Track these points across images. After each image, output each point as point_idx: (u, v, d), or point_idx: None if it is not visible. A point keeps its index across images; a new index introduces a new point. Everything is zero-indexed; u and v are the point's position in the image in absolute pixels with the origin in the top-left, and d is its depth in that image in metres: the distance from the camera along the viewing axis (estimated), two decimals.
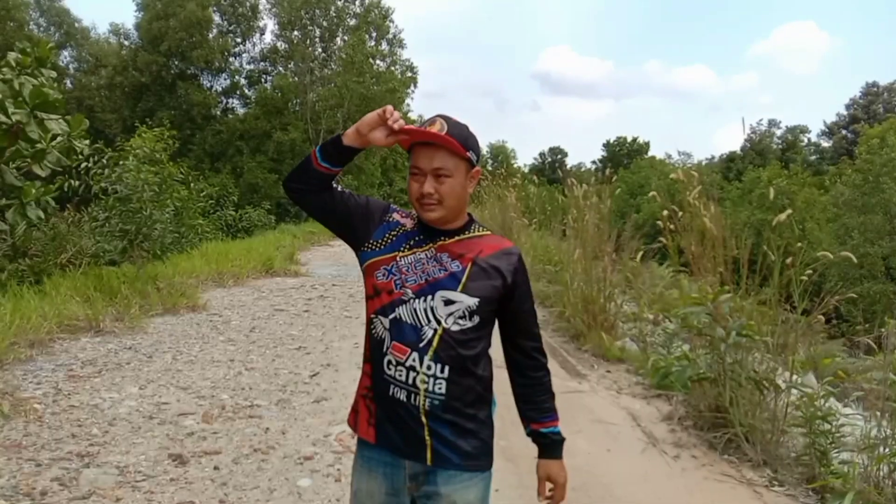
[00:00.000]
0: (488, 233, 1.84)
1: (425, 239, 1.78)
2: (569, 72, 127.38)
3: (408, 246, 1.78)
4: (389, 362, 1.72)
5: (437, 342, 1.68)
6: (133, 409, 4.54)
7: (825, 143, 51.57)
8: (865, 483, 3.10)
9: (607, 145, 63.38)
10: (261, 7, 30.89)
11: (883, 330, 3.94)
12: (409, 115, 31.99)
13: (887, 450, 3.19)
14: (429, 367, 1.68)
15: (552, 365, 5.85)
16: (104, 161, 8.77)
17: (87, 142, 7.48)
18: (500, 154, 56.36)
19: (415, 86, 27.79)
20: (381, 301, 1.75)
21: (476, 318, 1.71)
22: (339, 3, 28.54)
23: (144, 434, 4.14)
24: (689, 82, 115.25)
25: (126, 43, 32.08)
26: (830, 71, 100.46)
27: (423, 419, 1.71)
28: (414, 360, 1.69)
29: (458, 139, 1.69)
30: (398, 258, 1.77)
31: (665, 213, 5.28)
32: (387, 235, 1.81)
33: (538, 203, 14.36)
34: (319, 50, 29.19)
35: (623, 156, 57.77)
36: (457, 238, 1.78)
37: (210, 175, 24.82)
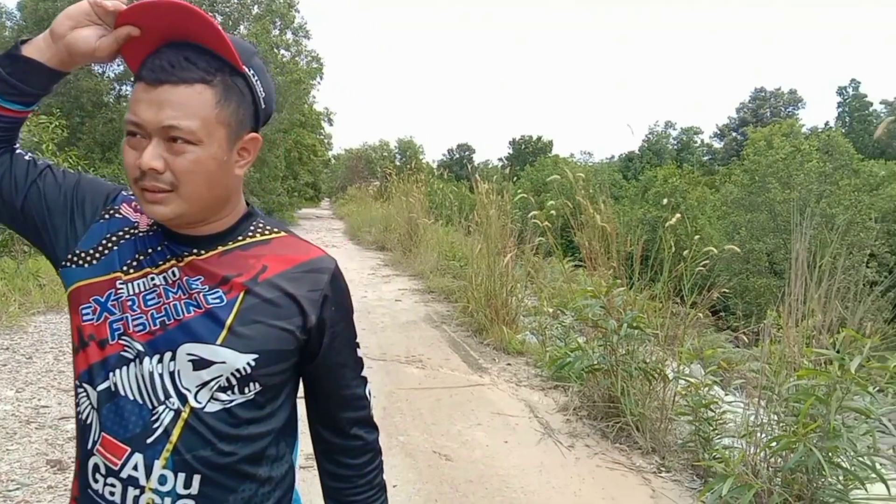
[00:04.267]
0: (281, 234, 1.13)
1: (165, 251, 1.06)
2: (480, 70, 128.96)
3: (135, 262, 1.05)
4: (97, 468, 1.02)
5: (178, 434, 0.99)
6: (8, 414, 4.23)
7: (717, 144, 54.61)
8: (745, 467, 3.26)
9: (513, 143, 64.58)
10: None
11: (766, 321, 4.18)
12: (315, 107, 31.41)
13: (764, 435, 3.37)
14: (162, 480, 0.99)
15: (454, 359, 5.97)
16: None
17: None
18: (409, 149, 56.29)
19: (321, 77, 27.25)
20: (88, 359, 1.03)
21: (254, 388, 1.03)
22: None
23: (20, 440, 3.87)
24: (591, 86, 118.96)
25: (9, 24, 29.95)
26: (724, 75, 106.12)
27: None
28: (136, 469, 0.99)
29: (237, 45, 0.99)
30: (117, 283, 1.04)
31: (542, 207, 5.42)
32: (104, 242, 1.07)
33: (444, 199, 14.45)
34: None
35: (528, 153, 59.05)
36: (220, 249, 1.06)
37: (101, 165, 23.52)
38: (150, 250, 1.06)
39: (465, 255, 9.71)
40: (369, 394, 1.22)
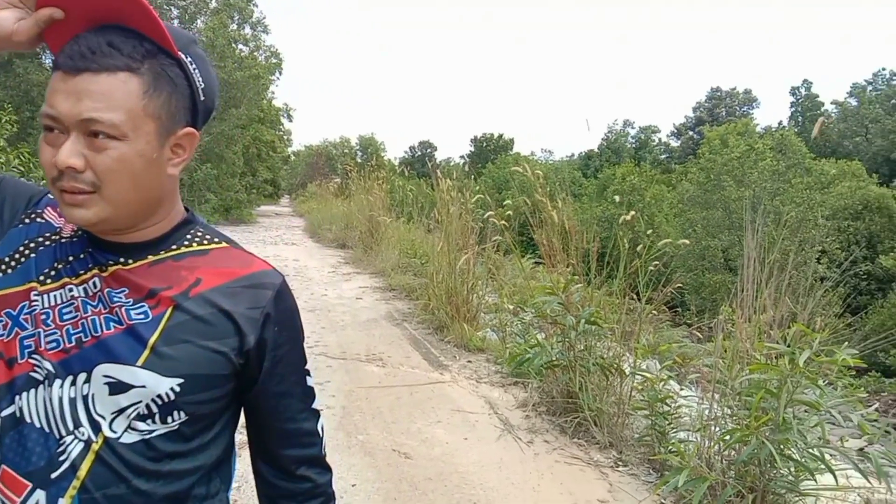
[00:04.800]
0: (222, 245, 1.01)
1: (87, 259, 0.94)
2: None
3: (53, 271, 0.94)
4: None
5: (87, 469, 0.87)
6: None
7: (674, 143, 55.59)
8: (699, 460, 3.32)
9: (475, 141, 64.78)
10: None
11: (720, 317, 4.26)
12: (275, 102, 31.05)
13: (718, 429, 3.44)
14: None
15: (415, 356, 5.96)
16: None
17: None
18: (370, 146, 56.08)
19: (280, 72, 26.94)
20: None
21: (178, 417, 0.91)
22: None
23: None
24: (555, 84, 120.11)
25: None
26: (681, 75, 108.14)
27: None
28: None
29: (171, 31, 0.90)
30: (32, 294, 0.92)
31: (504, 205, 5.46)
32: (21, 248, 0.96)
33: (406, 196, 14.44)
34: None
35: (490, 151, 59.32)
36: (150, 258, 0.95)
37: None
38: (70, 258, 0.95)
39: (426, 253, 9.71)
40: (321, 430, 1.08)
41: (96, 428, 0.88)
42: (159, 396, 0.89)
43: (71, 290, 0.93)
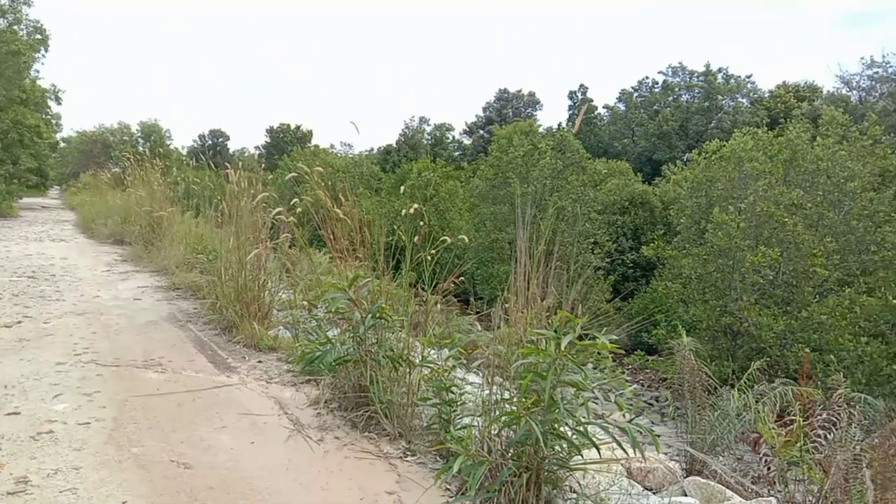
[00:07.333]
0: None
1: None
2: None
3: None
4: None
5: None
6: None
7: (467, 141, 58.02)
8: (480, 444, 3.47)
9: (271, 131, 62.85)
10: None
11: (503, 305, 4.48)
12: (40, 82, 27.79)
13: (498, 413, 3.61)
14: None
15: (199, 359, 5.64)
16: None
17: None
18: (153, 133, 52.12)
19: (45, 50, 24.12)
20: None
21: None
22: None
23: None
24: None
25: None
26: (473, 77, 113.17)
27: None
28: None
29: None
30: None
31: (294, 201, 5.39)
32: None
33: (196, 188, 13.61)
34: None
35: (287, 142, 57.89)
36: None
37: None
38: None
39: (214, 249, 9.22)
40: None
41: None
42: None
43: None
